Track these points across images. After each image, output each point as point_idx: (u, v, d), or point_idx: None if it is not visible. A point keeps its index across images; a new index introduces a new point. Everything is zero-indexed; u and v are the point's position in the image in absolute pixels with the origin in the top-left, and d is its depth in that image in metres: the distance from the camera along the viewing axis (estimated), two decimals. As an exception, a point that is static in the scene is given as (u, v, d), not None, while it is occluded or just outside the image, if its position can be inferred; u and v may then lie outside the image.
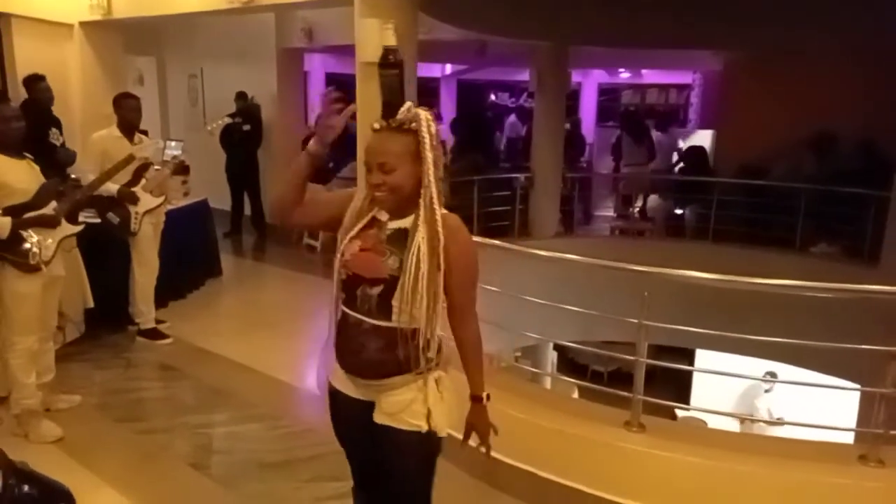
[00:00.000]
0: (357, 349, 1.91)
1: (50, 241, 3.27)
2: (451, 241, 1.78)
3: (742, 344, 4.75)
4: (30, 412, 3.36)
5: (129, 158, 4.35)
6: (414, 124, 1.75)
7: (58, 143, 5.28)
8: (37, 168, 3.34)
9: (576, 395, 6.16)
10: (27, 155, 3.33)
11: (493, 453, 3.14)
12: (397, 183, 1.77)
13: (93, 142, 4.46)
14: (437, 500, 3.07)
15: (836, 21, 6.00)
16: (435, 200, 1.77)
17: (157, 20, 6.59)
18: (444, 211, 1.80)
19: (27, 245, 3.18)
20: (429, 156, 1.75)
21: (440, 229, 1.76)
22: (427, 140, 1.75)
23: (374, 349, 1.87)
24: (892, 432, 2.60)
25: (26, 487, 1.87)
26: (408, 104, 1.81)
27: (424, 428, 1.89)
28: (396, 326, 1.82)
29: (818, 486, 2.62)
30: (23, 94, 5.36)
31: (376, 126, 1.81)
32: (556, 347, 8.84)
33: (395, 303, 1.79)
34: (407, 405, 1.89)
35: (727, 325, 2.95)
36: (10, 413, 3.41)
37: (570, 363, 9.13)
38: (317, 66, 11.30)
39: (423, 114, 1.76)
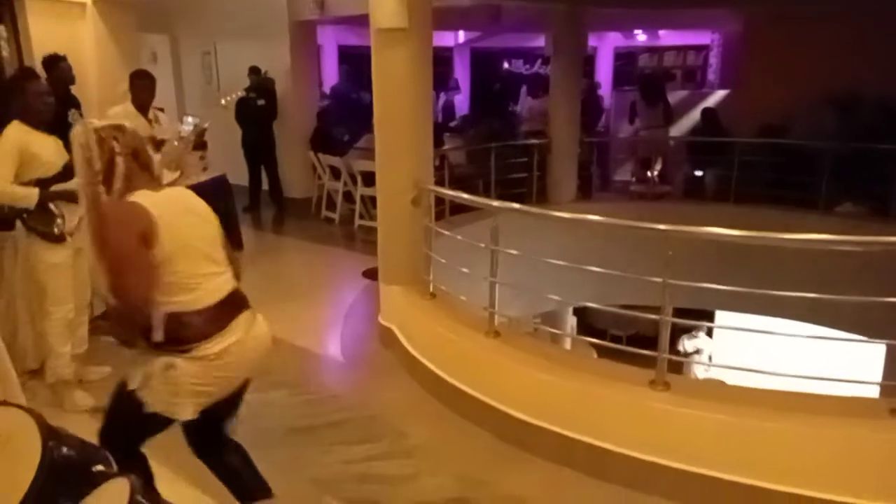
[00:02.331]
0: None
1: (73, 214, 3.34)
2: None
3: (764, 303, 4.72)
4: (64, 382, 3.48)
5: (151, 139, 4.37)
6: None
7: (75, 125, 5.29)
8: (62, 145, 3.41)
9: (594, 356, 6.16)
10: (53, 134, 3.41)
11: (517, 414, 3.19)
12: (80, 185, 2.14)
13: (108, 119, 4.48)
14: (466, 462, 3.13)
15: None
16: (83, 202, 2.14)
17: (168, -5, 6.56)
18: (121, 202, 2.04)
19: (52, 216, 3.28)
20: (78, 167, 2.09)
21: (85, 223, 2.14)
22: (76, 156, 2.07)
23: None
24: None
25: (65, 449, 1.91)
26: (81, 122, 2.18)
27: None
28: None
29: (850, 440, 2.61)
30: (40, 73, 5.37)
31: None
32: (575, 313, 8.84)
33: None
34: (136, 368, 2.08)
35: (750, 285, 2.92)
36: (45, 383, 3.51)
37: (588, 328, 9.13)
38: (329, 39, 11.21)
39: (80, 133, 2.07)
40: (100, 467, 1.99)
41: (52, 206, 3.30)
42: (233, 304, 2.15)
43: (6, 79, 4.96)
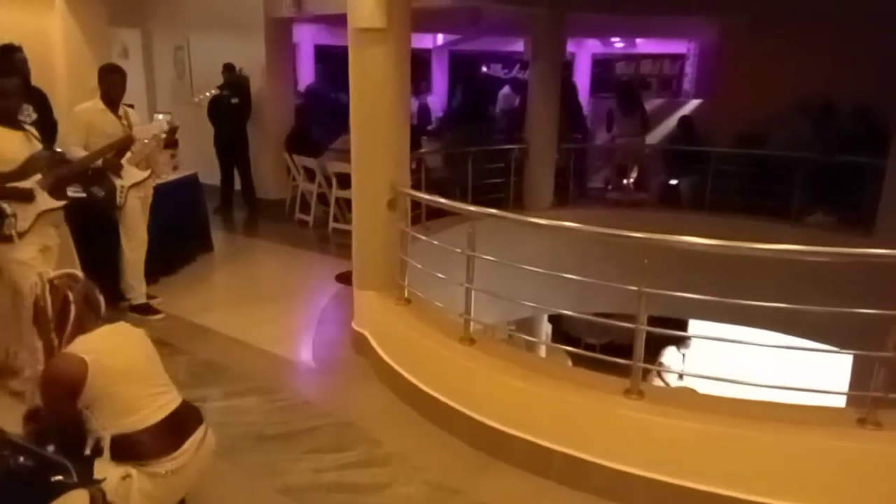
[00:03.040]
0: None
1: (28, 213, 3.23)
2: None
3: (737, 312, 4.76)
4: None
5: (129, 139, 4.26)
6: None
7: (27, 122, 5.12)
8: (35, 141, 3.31)
9: (569, 364, 6.17)
10: (28, 128, 3.30)
11: (491, 422, 3.17)
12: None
13: (76, 114, 4.36)
14: (440, 471, 3.09)
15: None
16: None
17: (141, -11, 6.43)
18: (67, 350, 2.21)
19: (2, 215, 3.19)
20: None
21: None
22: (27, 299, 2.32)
23: None
24: (892, 395, 2.60)
25: (21, 458, 1.84)
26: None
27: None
28: None
29: (821, 449, 2.63)
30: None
31: None
32: (550, 320, 8.86)
33: None
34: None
35: (723, 295, 2.92)
36: (23, 378, 3.44)
37: (563, 336, 9.16)
38: (306, 39, 11.12)
39: (38, 287, 2.25)
40: (59, 478, 1.93)
41: (3, 204, 3.18)
42: (183, 422, 2.31)
43: None
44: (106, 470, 2.12)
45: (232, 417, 3.49)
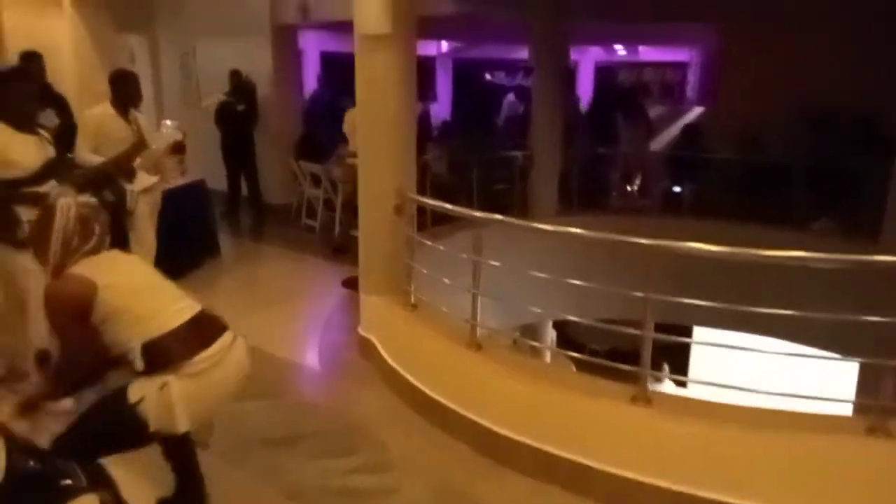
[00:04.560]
0: None
1: None
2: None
3: (742, 319, 4.76)
4: None
5: (141, 146, 4.28)
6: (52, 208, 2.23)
7: (49, 126, 5.19)
8: (48, 145, 3.33)
9: (573, 370, 6.17)
10: (41, 132, 3.32)
11: (497, 428, 3.18)
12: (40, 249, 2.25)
13: (86, 119, 4.38)
14: (445, 476, 3.09)
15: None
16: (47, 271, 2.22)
17: (147, -5, 6.49)
18: (72, 271, 2.19)
19: (16, 221, 3.19)
20: (52, 236, 2.19)
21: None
22: (57, 219, 2.20)
23: None
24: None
25: (31, 462, 1.85)
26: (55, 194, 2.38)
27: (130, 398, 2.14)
28: None
29: (829, 458, 2.63)
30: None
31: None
32: (555, 326, 8.85)
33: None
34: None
35: (727, 301, 2.92)
36: (30, 383, 3.43)
37: (568, 342, 9.14)
38: (312, 45, 11.17)
39: (63, 203, 2.23)
40: (68, 481, 1.93)
41: (18, 210, 3.19)
42: (207, 325, 2.31)
43: None
44: (141, 389, 2.11)
45: (238, 421, 3.48)
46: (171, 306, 2.26)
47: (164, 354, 2.14)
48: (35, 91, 3.37)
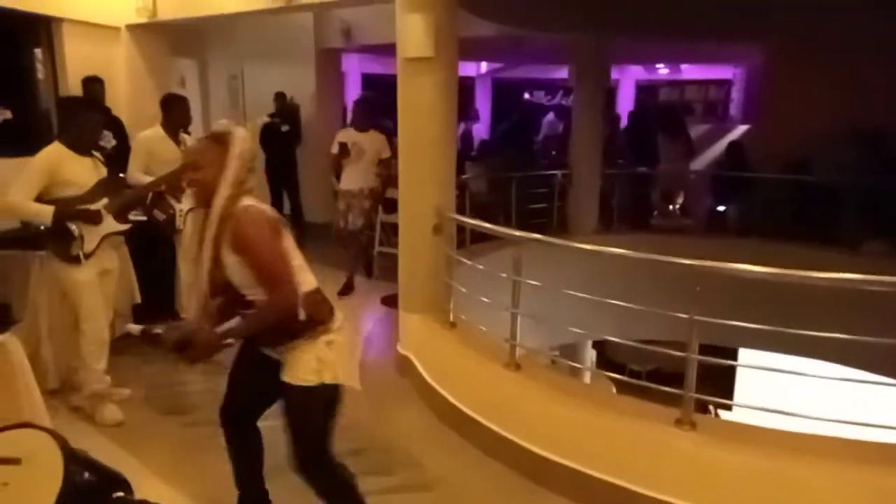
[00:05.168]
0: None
1: (94, 235, 3.39)
2: (235, 233, 2.07)
3: (789, 342, 4.63)
4: (97, 395, 3.57)
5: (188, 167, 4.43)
6: (228, 138, 2.13)
7: (108, 147, 5.41)
8: (101, 166, 3.50)
9: (614, 391, 6.07)
10: (95, 154, 3.50)
11: (536, 449, 3.14)
12: (201, 179, 2.13)
13: (139, 142, 4.55)
14: (483, 497, 3.07)
15: (879, 9, 5.81)
16: (223, 198, 2.08)
17: (200, 21, 6.71)
18: (248, 204, 2.11)
19: (71, 236, 3.34)
20: (231, 164, 2.10)
21: (216, 224, 2.08)
22: (234, 151, 2.11)
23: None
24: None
25: (87, 474, 1.91)
26: (223, 122, 2.21)
27: (313, 382, 2.19)
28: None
29: (883, 489, 2.52)
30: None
31: (200, 137, 2.27)
32: (595, 345, 8.73)
33: (244, 292, 2.17)
34: (301, 365, 2.21)
35: (775, 324, 2.85)
36: (72, 400, 3.64)
37: (608, 362, 9.01)
38: (354, 67, 11.39)
39: (240, 132, 2.15)
40: (120, 494, 1.98)
41: (72, 226, 3.33)
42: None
43: (66, 100, 5.13)
44: (312, 358, 2.18)
45: (277, 437, 3.50)
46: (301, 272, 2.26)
47: (319, 309, 2.22)
48: (101, 119, 3.55)
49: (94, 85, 5.41)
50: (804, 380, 2.99)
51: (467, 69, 12.61)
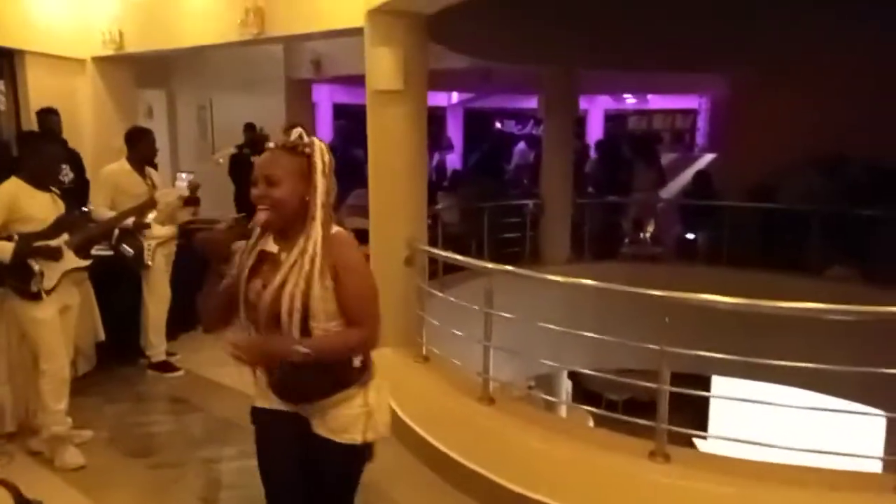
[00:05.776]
0: (297, 379, 1.93)
1: (54, 271, 3.29)
2: (339, 258, 1.82)
3: (761, 370, 4.67)
4: (58, 438, 3.40)
5: (152, 203, 4.36)
6: (307, 149, 1.82)
7: (66, 181, 5.29)
8: (60, 202, 3.41)
9: (591, 424, 6.04)
10: (53, 189, 3.42)
11: (511, 485, 3.09)
12: (281, 197, 1.81)
13: (104, 176, 4.47)
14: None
15: (840, 40, 6.01)
16: (319, 220, 1.81)
17: (168, 53, 6.67)
18: (337, 228, 1.87)
19: (30, 272, 3.22)
20: (319, 179, 1.81)
21: (321, 247, 1.80)
22: (318, 165, 1.81)
23: (312, 374, 1.88)
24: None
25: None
26: (298, 130, 1.84)
27: (359, 440, 1.95)
28: None
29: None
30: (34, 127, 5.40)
31: (271, 145, 1.86)
32: (570, 375, 8.72)
33: (313, 324, 1.82)
34: (351, 420, 1.95)
35: (746, 351, 2.88)
36: (30, 444, 3.48)
37: (584, 391, 9.00)
38: (324, 97, 11.42)
39: (318, 142, 1.83)
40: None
41: (32, 262, 3.24)
42: None
43: (26, 134, 5.03)
44: (361, 398, 1.97)
45: (247, 478, 3.41)
46: None
47: (369, 353, 2.02)
48: (60, 153, 3.46)
49: (49, 116, 5.31)
50: (776, 407, 2.99)
51: (438, 99, 12.73)
